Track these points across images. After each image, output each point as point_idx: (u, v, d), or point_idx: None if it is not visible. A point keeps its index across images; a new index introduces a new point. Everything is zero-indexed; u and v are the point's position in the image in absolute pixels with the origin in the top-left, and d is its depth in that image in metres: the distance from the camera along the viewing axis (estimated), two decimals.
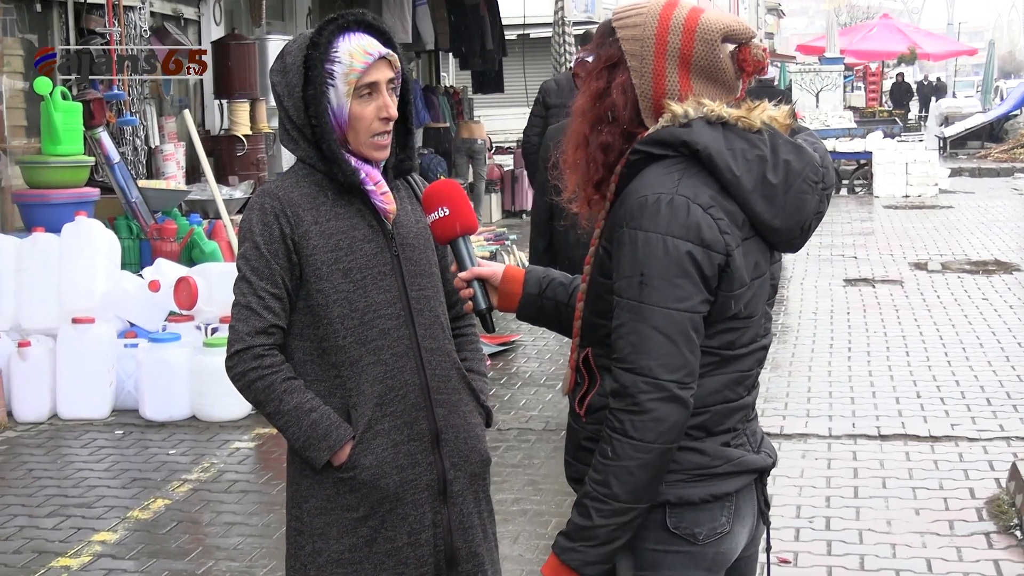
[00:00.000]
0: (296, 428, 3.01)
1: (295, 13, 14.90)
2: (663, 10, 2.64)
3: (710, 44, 2.61)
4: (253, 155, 12.07)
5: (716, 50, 2.61)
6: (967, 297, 11.68)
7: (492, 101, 22.47)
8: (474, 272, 2.90)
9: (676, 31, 2.61)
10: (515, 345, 9.85)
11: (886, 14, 47.42)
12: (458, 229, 2.92)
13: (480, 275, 2.91)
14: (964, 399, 8.03)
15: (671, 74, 2.62)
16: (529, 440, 7.27)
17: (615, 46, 2.67)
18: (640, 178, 2.59)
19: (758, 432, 2.78)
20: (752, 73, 2.66)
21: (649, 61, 2.63)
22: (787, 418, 7.67)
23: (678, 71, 2.62)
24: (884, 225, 17.38)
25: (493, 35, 17.92)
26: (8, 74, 9.88)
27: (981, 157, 30.05)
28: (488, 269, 2.92)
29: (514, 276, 2.93)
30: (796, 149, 2.63)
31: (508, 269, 2.95)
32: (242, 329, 3.01)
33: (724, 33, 2.62)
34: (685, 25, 2.61)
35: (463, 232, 2.92)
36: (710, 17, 2.63)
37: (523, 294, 2.93)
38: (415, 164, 3.26)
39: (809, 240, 2.73)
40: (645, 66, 2.63)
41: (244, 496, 6.42)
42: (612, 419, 2.55)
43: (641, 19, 2.65)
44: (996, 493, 6.17)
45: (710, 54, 2.61)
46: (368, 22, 3.08)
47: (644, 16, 2.65)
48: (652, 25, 2.63)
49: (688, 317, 2.52)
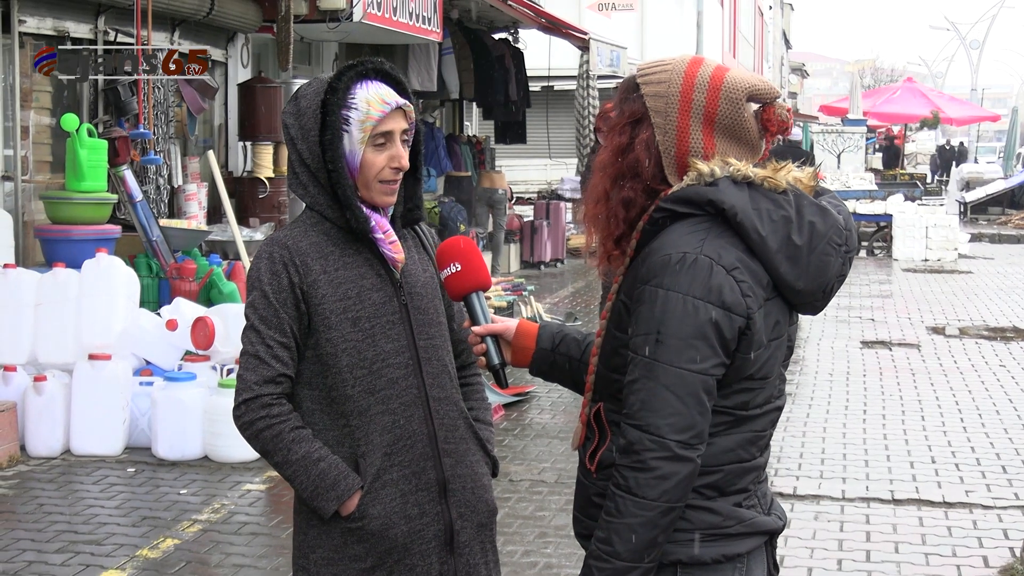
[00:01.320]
0: (304, 478, 3.00)
1: (322, 58, 15.01)
2: (689, 67, 2.64)
3: (735, 103, 2.61)
4: (275, 197, 12.13)
5: (741, 109, 2.62)
6: (984, 363, 11.63)
7: (514, 152, 22.58)
8: (488, 328, 2.90)
9: (702, 89, 2.61)
10: (529, 396, 9.83)
11: (910, 78, 47.53)
12: (471, 285, 2.92)
13: (494, 331, 2.90)
14: (979, 466, 7.98)
15: (695, 132, 2.62)
16: (541, 492, 7.24)
17: (639, 102, 2.67)
18: (664, 236, 2.59)
19: (768, 494, 2.77)
20: (776, 133, 2.66)
21: (673, 118, 2.63)
22: (800, 479, 7.63)
23: (702, 129, 2.62)
24: (903, 288, 17.35)
25: (518, 86, 18.01)
26: (36, 110, 9.96)
27: (1002, 223, 30.02)
28: (502, 325, 2.92)
29: (527, 331, 2.93)
30: (821, 211, 2.63)
31: (522, 324, 2.94)
32: (250, 378, 3.01)
33: (749, 92, 2.62)
34: (711, 83, 2.61)
35: (476, 288, 2.93)
36: (735, 76, 2.63)
37: (536, 349, 2.91)
38: (423, 214, 3.27)
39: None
40: (669, 123, 2.63)
41: (254, 539, 6.40)
42: (617, 476, 2.54)
43: (666, 76, 2.65)
44: (1010, 562, 6.12)
45: (735, 113, 2.61)
46: (386, 71, 3.09)
47: (669, 73, 2.65)
48: (677, 82, 2.63)
49: (701, 379, 2.51)
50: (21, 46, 9.59)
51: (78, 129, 9.05)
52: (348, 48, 15.09)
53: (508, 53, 17.92)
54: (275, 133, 12.08)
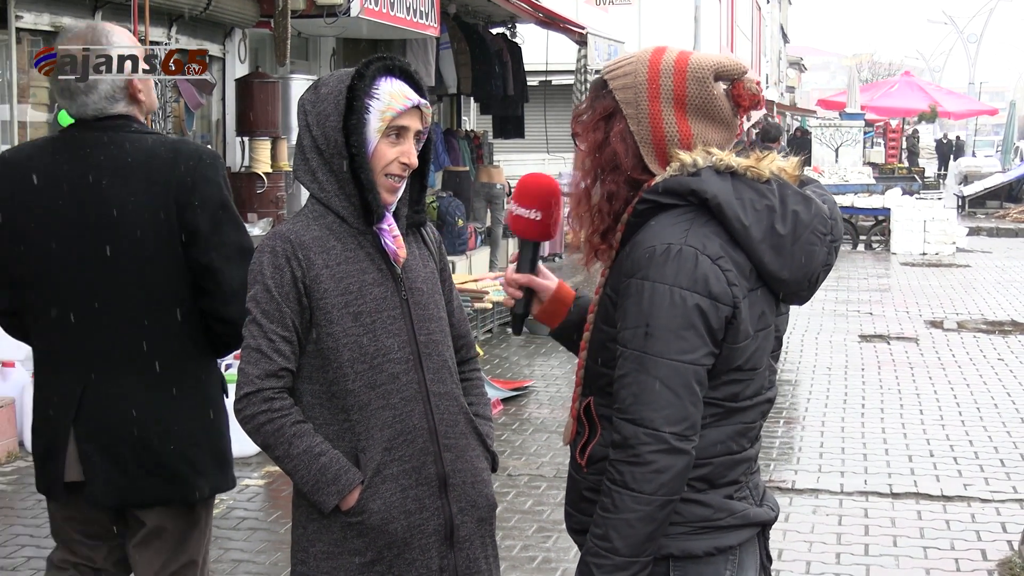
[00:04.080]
0: (305, 472, 3.00)
1: (319, 53, 14.99)
2: (652, 56, 2.65)
3: (702, 83, 2.61)
4: (272, 193, 12.10)
5: (709, 88, 2.62)
6: (983, 357, 11.63)
7: (512, 146, 22.54)
8: (530, 279, 2.91)
9: (667, 74, 2.62)
10: (527, 391, 9.83)
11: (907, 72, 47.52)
12: (540, 235, 2.91)
13: (533, 284, 2.92)
14: (977, 459, 7.99)
15: (668, 116, 2.62)
16: (539, 487, 7.25)
17: (609, 97, 2.68)
18: (648, 228, 2.59)
19: (760, 485, 2.77)
20: (749, 108, 2.67)
21: (644, 107, 2.63)
22: (799, 473, 7.63)
23: (675, 113, 2.62)
24: (901, 282, 17.34)
25: (515, 81, 18.00)
26: (33, 105, 9.95)
27: (999, 217, 30.01)
28: (543, 282, 2.92)
29: (563, 298, 2.93)
30: (805, 200, 2.63)
31: (560, 287, 2.94)
32: (252, 372, 3.01)
33: (716, 71, 2.63)
34: (675, 67, 2.62)
35: (542, 238, 2.92)
36: (700, 57, 2.64)
37: (567, 316, 2.92)
38: (426, 218, 3.30)
39: (824, 295, 2.73)
40: (641, 112, 2.63)
41: (252, 534, 6.40)
42: (612, 471, 2.53)
43: (631, 67, 2.66)
44: (1008, 555, 6.13)
45: (704, 92, 2.61)
46: (409, 72, 3.13)
47: (634, 64, 2.66)
48: (643, 71, 2.64)
49: (692, 370, 2.51)
50: (18, 41, 9.58)
51: None
52: (345, 43, 15.07)
53: (506, 48, 17.90)
54: (273, 128, 12.07)
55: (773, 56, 50.22)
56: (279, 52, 11.18)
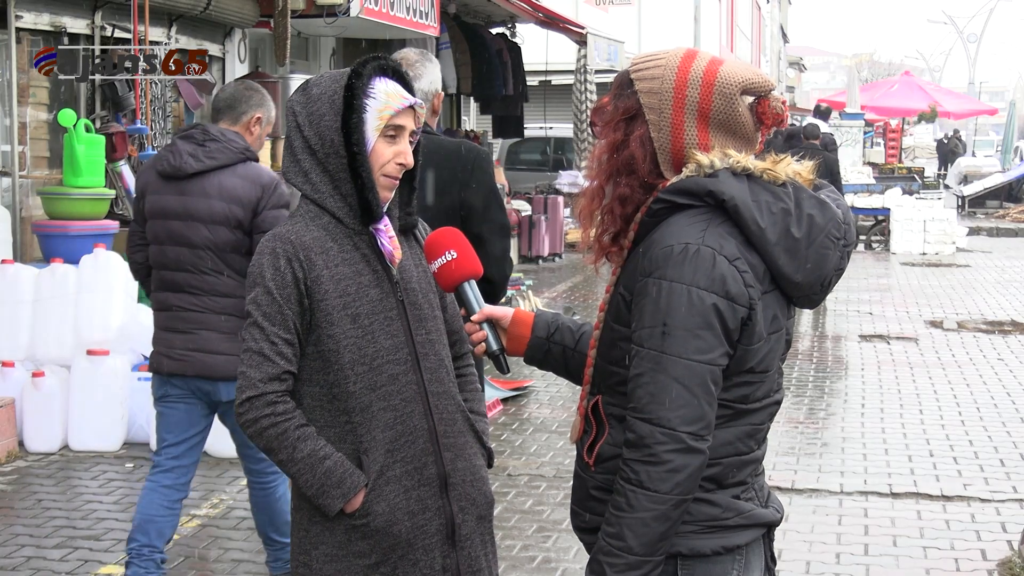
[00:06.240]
0: (310, 476, 3.00)
1: (319, 53, 15.00)
2: (682, 62, 2.64)
3: (728, 98, 2.61)
4: None
5: (735, 104, 2.61)
6: (982, 357, 11.63)
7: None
8: (485, 314, 2.90)
9: (695, 85, 2.61)
10: (527, 391, 9.83)
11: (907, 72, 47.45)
12: (466, 273, 2.93)
13: (492, 315, 2.91)
14: (977, 459, 7.99)
15: (689, 127, 2.62)
16: (539, 487, 7.24)
17: (633, 98, 2.67)
18: (665, 227, 2.59)
19: (765, 487, 2.78)
20: (771, 126, 2.67)
21: (667, 115, 2.62)
22: (799, 472, 7.63)
23: (696, 124, 2.62)
24: (900, 282, 17.34)
25: (515, 80, 18.00)
26: (33, 105, 9.96)
27: (999, 217, 30.01)
28: (499, 310, 2.93)
29: (523, 319, 2.94)
30: (820, 204, 2.63)
31: (517, 312, 2.95)
32: (254, 375, 3.00)
33: (743, 86, 2.62)
34: (704, 79, 2.61)
35: (470, 276, 2.93)
36: (728, 70, 2.62)
37: (531, 337, 2.92)
38: (417, 220, 3.28)
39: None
40: (663, 120, 2.63)
41: (252, 534, 6.39)
42: (627, 470, 2.54)
43: (660, 71, 2.64)
44: (1008, 555, 6.12)
45: (728, 108, 2.61)
46: (401, 73, 3.14)
47: (663, 68, 2.64)
48: (671, 78, 2.62)
49: (708, 369, 2.52)
50: (18, 41, 9.58)
51: (75, 124, 9.04)
52: (345, 43, 15.07)
53: (505, 48, 17.91)
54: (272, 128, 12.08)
55: (773, 56, 50.21)
56: (279, 52, 11.18)
